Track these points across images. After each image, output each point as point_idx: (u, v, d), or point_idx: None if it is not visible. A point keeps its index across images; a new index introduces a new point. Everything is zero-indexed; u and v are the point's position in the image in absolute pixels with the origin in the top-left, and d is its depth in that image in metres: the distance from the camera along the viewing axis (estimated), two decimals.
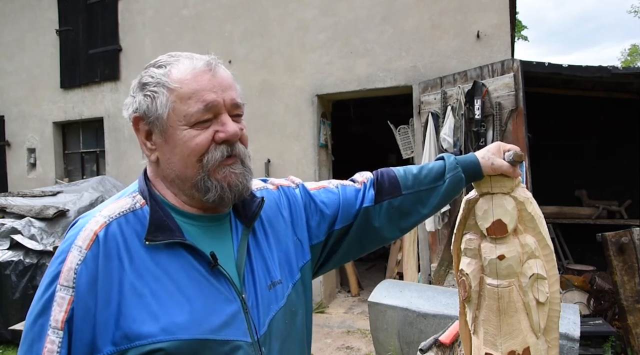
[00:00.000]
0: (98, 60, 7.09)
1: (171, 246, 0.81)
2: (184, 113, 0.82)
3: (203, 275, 0.82)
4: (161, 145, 0.85)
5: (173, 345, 0.74)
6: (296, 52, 5.62)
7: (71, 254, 0.77)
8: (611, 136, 6.15)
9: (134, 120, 0.87)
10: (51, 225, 4.81)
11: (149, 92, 0.85)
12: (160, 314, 0.75)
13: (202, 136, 0.82)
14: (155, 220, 0.81)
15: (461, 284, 1.10)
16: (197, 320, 0.77)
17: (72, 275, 0.75)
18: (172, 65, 0.85)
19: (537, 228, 1.04)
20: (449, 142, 4.07)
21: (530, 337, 1.01)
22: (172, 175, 0.86)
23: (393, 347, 3.27)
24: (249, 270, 0.88)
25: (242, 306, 0.84)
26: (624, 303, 3.39)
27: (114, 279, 0.76)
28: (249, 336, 0.82)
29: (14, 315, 4.16)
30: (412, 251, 5.21)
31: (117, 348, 0.73)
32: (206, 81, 0.83)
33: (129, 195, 0.88)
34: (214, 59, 0.87)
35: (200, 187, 0.84)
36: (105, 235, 0.79)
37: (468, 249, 1.09)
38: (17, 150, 7.89)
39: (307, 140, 5.52)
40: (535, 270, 1.01)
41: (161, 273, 0.79)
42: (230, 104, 0.85)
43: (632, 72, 4.22)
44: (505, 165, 1.05)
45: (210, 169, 0.83)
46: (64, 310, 0.74)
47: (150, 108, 0.84)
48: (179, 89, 0.82)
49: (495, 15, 4.65)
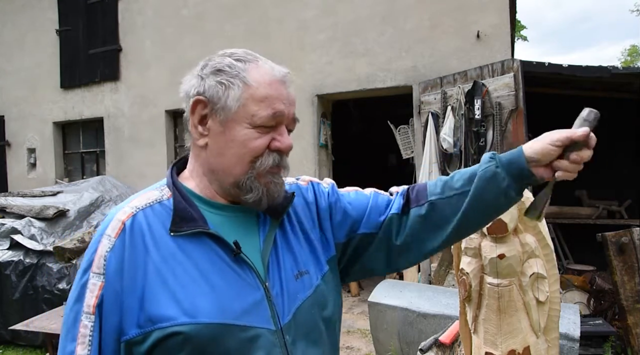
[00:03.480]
0: (98, 60, 7.09)
1: (196, 234, 0.83)
2: (253, 113, 0.84)
3: (227, 262, 0.83)
4: (216, 134, 0.87)
5: (194, 329, 0.76)
6: (296, 52, 5.62)
7: (102, 243, 0.81)
8: (611, 136, 6.14)
9: (195, 101, 0.88)
10: (51, 225, 4.81)
11: (224, 81, 0.86)
12: (183, 298, 0.78)
13: (261, 140, 0.85)
14: (179, 212, 0.84)
15: (461, 283, 1.10)
16: (220, 305, 0.79)
17: (102, 263, 0.79)
18: (251, 63, 0.88)
19: (537, 227, 1.04)
20: (449, 142, 4.07)
21: (531, 337, 1.01)
22: (216, 166, 0.88)
23: (393, 347, 3.27)
24: (274, 260, 0.90)
25: (266, 294, 0.85)
26: (624, 303, 3.39)
27: (140, 264, 0.79)
28: (272, 324, 0.83)
29: (14, 315, 4.15)
30: None
31: (141, 330, 0.76)
32: (280, 91, 0.86)
33: (157, 188, 0.91)
34: (289, 73, 0.91)
35: (243, 186, 0.86)
36: (132, 224, 0.82)
37: (468, 248, 1.09)
38: (17, 150, 7.89)
39: (307, 140, 5.52)
40: (535, 270, 1.01)
41: (185, 259, 0.81)
42: (291, 118, 0.89)
43: (632, 72, 4.22)
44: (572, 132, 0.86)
45: (259, 172, 0.86)
46: (95, 295, 0.78)
47: (221, 96, 0.85)
48: (255, 89, 0.85)
49: (495, 15, 4.66)
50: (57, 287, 4.13)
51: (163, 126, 6.62)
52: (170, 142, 6.69)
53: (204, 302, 0.78)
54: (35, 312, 3.86)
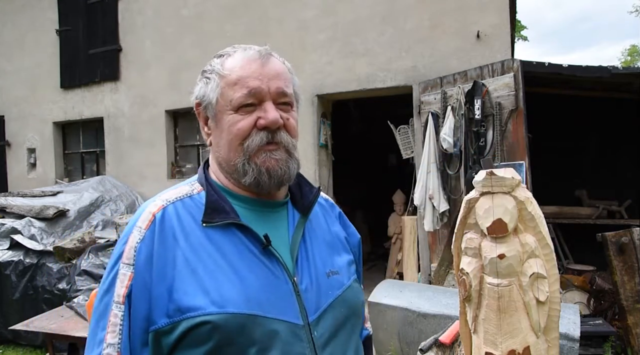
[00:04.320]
0: (98, 60, 7.09)
1: (226, 226, 0.84)
2: (230, 98, 0.87)
3: (256, 255, 0.84)
4: (214, 129, 0.91)
5: (222, 318, 0.76)
6: (296, 52, 5.62)
7: (132, 235, 0.82)
8: (611, 136, 6.14)
9: (195, 106, 0.94)
10: (51, 225, 4.81)
11: (204, 78, 0.91)
12: (212, 288, 0.78)
13: (244, 121, 0.86)
14: (211, 204, 0.86)
15: (461, 283, 1.10)
16: (247, 296, 0.79)
17: (132, 254, 0.80)
18: (229, 55, 0.92)
19: (537, 227, 1.04)
20: (449, 142, 4.07)
21: (531, 337, 1.01)
22: (220, 159, 0.91)
23: (393, 347, 3.27)
24: (304, 256, 0.90)
25: (294, 289, 0.85)
26: (624, 303, 3.39)
27: (169, 255, 0.80)
28: (300, 318, 0.83)
29: (14, 315, 4.15)
30: (412, 251, 5.21)
31: (170, 320, 0.77)
32: (253, 69, 0.88)
33: (188, 184, 0.93)
34: (267, 49, 0.92)
35: (239, 170, 0.88)
36: (162, 216, 0.84)
37: (469, 248, 1.09)
38: (17, 150, 7.89)
39: (307, 140, 5.52)
40: (535, 269, 1.01)
41: (214, 250, 0.82)
42: (276, 92, 0.88)
43: (632, 72, 4.22)
44: None
45: (251, 153, 0.87)
46: (125, 285, 0.78)
47: (206, 93, 0.90)
48: (228, 76, 0.88)
49: (495, 15, 4.65)
50: (57, 287, 4.13)
51: (163, 126, 6.62)
52: (170, 142, 6.68)
53: (232, 292, 0.79)
54: (35, 312, 3.86)
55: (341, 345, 0.89)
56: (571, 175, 6.20)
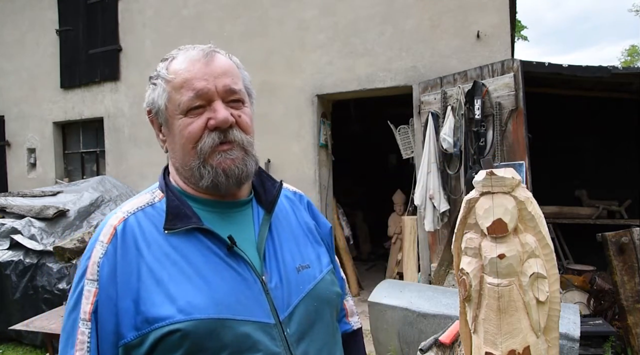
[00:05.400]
0: (98, 60, 7.09)
1: (189, 232, 0.83)
2: (178, 102, 0.85)
3: (221, 258, 0.83)
4: (167, 135, 0.90)
5: (190, 325, 0.75)
6: (296, 52, 5.62)
7: (95, 250, 0.81)
8: (611, 136, 6.14)
9: (147, 113, 0.92)
10: (51, 225, 4.81)
11: (151, 85, 0.89)
12: (178, 296, 0.77)
13: (194, 124, 0.84)
14: (172, 209, 0.85)
15: (461, 283, 1.10)
16: (215, 300, 0.78)
17: (95, 269, 0.79)
18: (173, 57, 0.89)
19: (537, 227, 1.04)
20: (449, 142, 4.07)
21: (531, 336, 1.01)
22: (177, 164, 0.90)
23: (393, 347, 3.27)
24: (271, 253, 0.89)
25: (263, 287, 0.84)
26: (624, 303, 3.39)
27: (133, 267, 0.79)
28: (271, 317, 0.82)
29: (14, 315, 4.15)
30: (412, 251, 5.21)
31: (138, 332, 0.76)
32: (197, 69, 0.85)
33: (149, 192, 0.92)
34: (211, 47, 0.90)
35: (195, 174, 0.86)
36: (123, 228, 0.82)
37: (469, 248, 1.09)
38: (17, 150, 7.89)
39: (307, 140, 5.52)
40: (535, 269, 1.01)
41: (179, 257, 0.81)
42: (224, 90, 0.86)
43: (632, 72, 4.22)
44: None
45: (205, 156, 0.85)
46: (90, 302, 0.78)
47: (155, 100, 0.88)
48: (173, 80, 0.85)
49: (495, 15, 4.65)
50: (57, 287, 4.13)
51: None
52: None
53: (199, 298, 0.78)
54: (35, 312, 3.86)
55: (317, 340, 0.88)
56: (571, 175, 6.20)
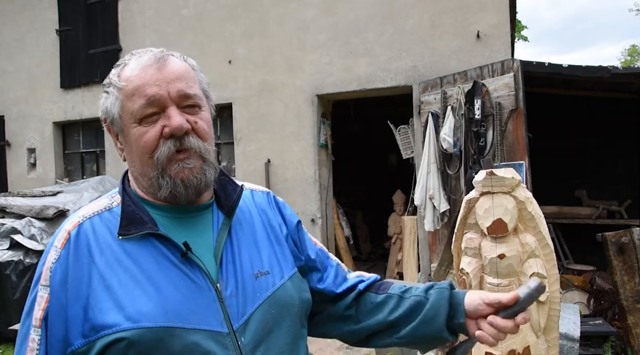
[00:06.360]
0: (98, 60, 7.09)
1: (144, 238, 0.81)
2: (131, 110, 0.82)
3: (175, 264, 0.81)
4: (125, 144, 0.87)
5: (136, 334, 0.73)
6: (296, 52, 5.62)
7: (49, 255, 0.79)
8: (611, 136, 6.14)
9: (103, 121, 0.89)
10: (51, 225, 4.80)
11: (104, 93, 0.87)
12: (127, 303, 0.75)
13: (149, 133, 0.82)
14: (127, 214, 0.82)
15: (462, 283, 1.10)
16: (165, 308, 0.76)
17: (48, 275, 0.77)
18: (125, 64, 0.86)
19: (537, 227, 1.04)
20: (449, 142, 4.07)
21: (531, 336, 1.01)
22: (136, 173, 0.87)
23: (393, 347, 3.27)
24: (229, 260, 0.86)
25: (217, 295, 0.81)
26: (624, 303, 3.39)
27: (84, 273, 0.77)
28: (225, 326, 0.80)
29: (14, 315, 4.15)
30: (412, 251, 5.21)
31: (86, 340, 0.74)
32: (149, 75, 0.82)
33: (108, 196, 0.90)
34: (163, 51, 0.86)
35: (154, 184, 0.84)
36: (77, 233, 0.80)
37: (469, 248, 1.09)
38: (17, 150, 7.89)
39: (307, 140, 5.52)
40: (535, 269, 1.01)
41: (131, 264, 0.79)
42: (177, 95, 0.83)
43: (632, 72, 4.22)
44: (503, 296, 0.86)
45: (162, 165, 0.82)
46: (42, 308, 0.76)
47: (108, 109, 0.86)
48: (125, 87, 0.83)
49: (495, 15, 4.65)
50: None
51: None
52: None
53: (148, 305, 0.76)
54: None
55: (273, 348, 0.84)
56: (571, 175, 6.20)
